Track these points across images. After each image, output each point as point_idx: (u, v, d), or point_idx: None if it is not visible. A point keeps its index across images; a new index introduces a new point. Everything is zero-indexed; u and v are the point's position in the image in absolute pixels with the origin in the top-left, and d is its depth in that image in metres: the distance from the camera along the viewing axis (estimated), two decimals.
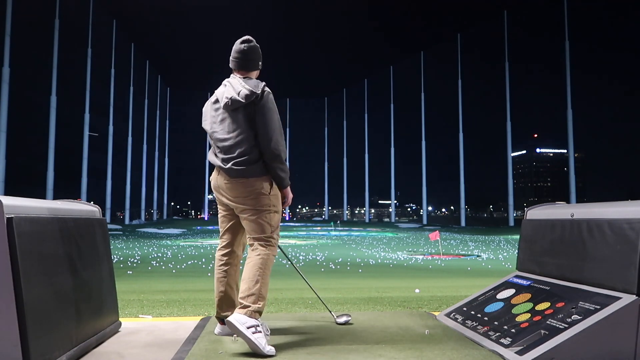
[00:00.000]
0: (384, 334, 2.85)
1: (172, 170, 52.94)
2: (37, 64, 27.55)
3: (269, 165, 2.74)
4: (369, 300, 4.51)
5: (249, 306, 2.54)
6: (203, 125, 2.97)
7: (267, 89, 2.79)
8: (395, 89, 47.43)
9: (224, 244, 2.95)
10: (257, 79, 2.96)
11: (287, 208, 3.20)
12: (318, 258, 13.05)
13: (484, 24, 39.06)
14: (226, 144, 2.76)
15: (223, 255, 2.93)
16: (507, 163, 36.10)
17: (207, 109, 2.96)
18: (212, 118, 2.89)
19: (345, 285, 6.91)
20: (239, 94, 2.73)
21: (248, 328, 2.46)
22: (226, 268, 2.90)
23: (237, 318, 2.50)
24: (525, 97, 35.70)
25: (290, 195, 2.91)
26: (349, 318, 3.19)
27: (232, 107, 2.76)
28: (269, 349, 2.44)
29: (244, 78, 2.83)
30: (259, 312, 2.56)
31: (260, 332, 2.48)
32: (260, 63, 2.96)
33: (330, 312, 3.29)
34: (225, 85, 2.87)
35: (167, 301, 4.44)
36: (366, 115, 50.54)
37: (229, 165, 2.73)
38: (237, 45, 2.89)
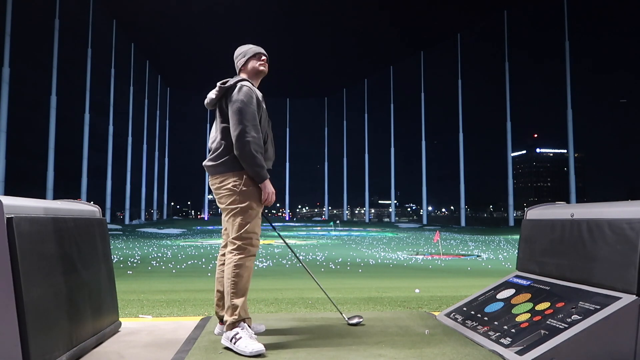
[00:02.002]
0: (384, 334, 2.85)
1: (172, 170, 52.94)
2: (37, 64, 27.55)
3: (240, 160, 2.67)
4: (369, 300, 4.51)
5: (227, 320, 2.61)
6: None
7: (241, 83, 2.75)
8: (395, 89, 47.44)
9: (224, 243, 2.95)
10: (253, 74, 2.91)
11: (286, 209, 3.14)
12: (318, 258, 13.04)
13: (484, 24, 39.07)
14: (209, 142, 2.85)
15: (223, 255, 2.93)
16: (507, 163, 36.11)
17: None
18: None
19: (345, 285, 6.90)
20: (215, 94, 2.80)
21: (230, 340, 2.54)
22: (222, 268, 2.91)
23: (224, 335, 2.62)
24: (525, 97, 35.70)
25: (269, 190, 2.72)
26: (361, 319, 3.14)
27: (210, 105, 2.83)
28: (252, 349, 2.44)
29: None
30: (238, 321, 2.59)
31: (240, 337, 2.51)
32: (242, 60, 2.90)
33: (341, 313, 3.27)
34: None
35: (167, 301, 4.44)
36: (366, 115, 50.54)
37: (205, 162, 2.80)
38: None
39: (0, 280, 1.92)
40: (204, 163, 2.81)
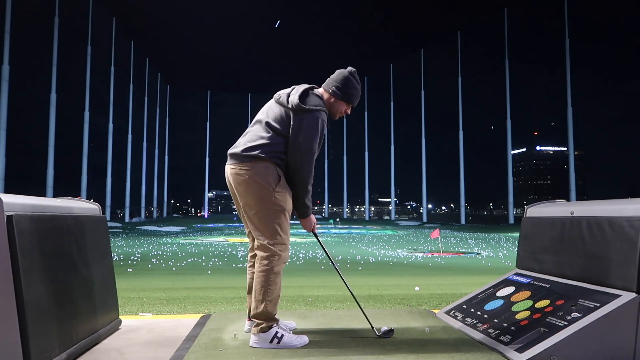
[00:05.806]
0: None
1: (172, 168, 52.85)
2: (36, 62, 27.52)
3: (295, 190, 2.71)
4: (369, 298, 4.51)
5: (261, 324, 2.56)
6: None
7: (321, 113, 2.67)
8: (395, 87, 47.38)
9: (250, 246, 2.90)
10: (327, 102, 2.82)
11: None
12: (318, 256, 13.05)
13: (484, 21, 39.00)
14: (246, 134, 2.81)
15: (251, 257, 2.88)
16: (507, 161, 36.07)
17: None
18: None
19: None
20: (288, 96, 2.71)
21: (270, 342, 2.52)
22: (252, 270, 2.85)
23: (256, 340, 2.55)
24: (525, 95, 35.67)
25: (313, 222, 2.89)
26: (392, 333, 2.76)
27: (278, 101, 2.77)
28: (299, 342, 2.54)
29: (312, 90, 2.79)
30: (271, 323, 2.56)
31: (282, 335, 2.54)
32: (338, 93, 2.80)
33: (372, 326, 2.81)
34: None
35: (167, 299, 4.44)
36: (366, 113, 50.49)
37: (235, 149, 2.73)
38: None
39: (0, 278, 1.92)
40: (231, 151, 2.69)
